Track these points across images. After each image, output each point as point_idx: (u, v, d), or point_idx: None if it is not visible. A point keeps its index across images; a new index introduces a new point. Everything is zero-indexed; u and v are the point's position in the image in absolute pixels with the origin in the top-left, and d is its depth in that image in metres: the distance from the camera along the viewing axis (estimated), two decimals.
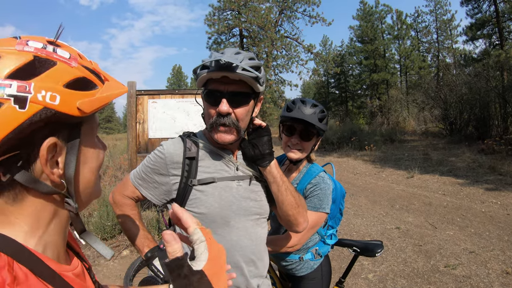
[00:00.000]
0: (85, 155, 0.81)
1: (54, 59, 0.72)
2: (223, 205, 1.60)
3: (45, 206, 0.76)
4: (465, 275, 4.64)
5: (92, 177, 0.85)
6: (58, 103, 0.68)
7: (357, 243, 2.71)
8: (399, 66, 39.54)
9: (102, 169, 5.25)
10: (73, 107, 0.71)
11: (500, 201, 7.82)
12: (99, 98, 0.76)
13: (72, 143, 0.76)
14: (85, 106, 0.72)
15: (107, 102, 0.79)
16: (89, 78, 0.77)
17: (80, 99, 0.72)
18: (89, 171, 0.83)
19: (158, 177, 1.63)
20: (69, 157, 0.76)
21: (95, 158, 0.85)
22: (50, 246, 0.78)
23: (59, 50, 0.74)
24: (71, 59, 0.75)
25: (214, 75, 1.49)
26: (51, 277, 0.73)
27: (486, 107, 16.82)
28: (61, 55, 0.74)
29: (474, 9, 26.80)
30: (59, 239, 0.82)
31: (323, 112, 2.24)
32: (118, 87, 0.85)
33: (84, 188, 0.83)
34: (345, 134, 21.09)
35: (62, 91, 0.69)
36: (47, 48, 0.72)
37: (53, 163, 0.73)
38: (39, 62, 0.69)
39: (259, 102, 1.71)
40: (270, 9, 32.16)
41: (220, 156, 1.67)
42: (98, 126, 0.88)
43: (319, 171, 2.31)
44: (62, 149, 0.75)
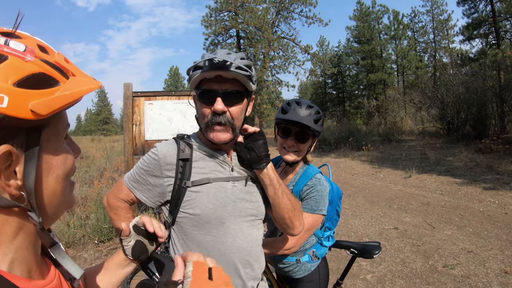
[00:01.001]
0: (48, 163, 0.71)
1: (5, 53, 0.62)
2: (218, 205, 1.59)
3: (7, 221, 0.67)
4: (463, 275, 4.63)
5: (59, 186, 0.74)
6: (6, 105, 0.58)
7: (354, 244, 2.70)
8: (396, 66, 39.70)
9: (98, 171, 5.28)
10: (26, 110, 0.60)
11: (498, 200, 7.82)
12: (60, 97, 0.66)
13: (31, 150, 0.66)
14: (40, 107, 0.62)
15: (71, 101, 0.68)
16: (48, 73, 0.66)
17: (34, 99, 0.62)
18: (55, 180, 0.73)
19: (152, 179, 1.62)
20: (28, 166, 0.66)
21: (61, 165, 0.74)
22: (17, 262, 0.70)
23: (12, 42, 0.64)
24: (26, 52, 0.65)
25: (208, 75, 1.49)
26: None
27: (483, 107, 16.89)
28: (14, 48, 0.63)
29: (471, 9, 26.88)
30: (29, 254, 0.73)
31: (319, 113, 2.22)
32: (87, 82, 0.74)
33: (50, 199, 0.73)
34: (342, 134, 21.13)
35: (11, 90, 0.59)
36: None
37: (10, 173, 0.64)
38: None
39: (251, 101, 1.71)
40: (267, 10, 32.25)
41: (215, 157, 1.66)
42: (67, 127, 0.77)
43: (315, 172, 2.29)
44: (20, 158, 0.65)
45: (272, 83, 33.82)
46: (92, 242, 5.96)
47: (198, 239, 1.59)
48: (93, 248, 5.81)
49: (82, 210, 7.26)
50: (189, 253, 0.88)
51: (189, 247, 1.61)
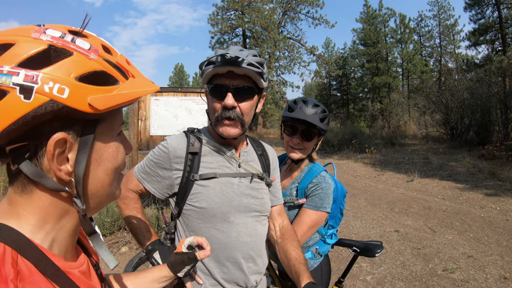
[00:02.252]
0: (100, 155, 0.75)
1: (71, 49, 0.66)
2: (224, 200, 1.61)
3: (55, 202, 0.72)
4: (463, 279, 4.64)
5: (107, 179, 0.79)
6: (67, 96, 0.63)
7: (357, 243, 2.71)
8: (401, 70, 39.63)
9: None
10: (84, 103, 0.65)
11: (499, 207, 7.82)
12: (117, 95, 0.70)
13: (85, 140, 0.71)
14: (98, 102, 0.66)
15: (128, 100, 0.72)
16: (109, 72, 0.71)
17: (93, 94, 0.66)
18: (103, 172, 0.77)
19: (161, 171, 1.65)
20: (80, 155, 0.71)
21: (112, 159, 0.79)
22: (57, 242, 0.75)
23: (78, 40, 0.69)
24: (91, 51, 0.69)
25: (220, 70, 1.52)
26: (55, 275, 0.70)
27: (487, 113, 16.84)
28: (80, 46, 0.68)
29: (478, 15, 26.84)
30: (68, 237, 0.78)
31: (325, 112, 2.25)
32: (144, 84, 0.78)
33: (96, 189, 0.78)
34: (346, 136, 21.09)
35: (73, 84, 0.64)
36: (65, 38, 0.67)
37: (63, 159, 0.69)
38: (54, 51, 0.65)
39: (262, 98, 1.74)
40: (273, 10, 32.26)
41: (223, 152, 1.70)
42: (122, 125, 0.83)
43: (320, 170, 2.33)
44: (73, 146, 0.70)
45: (277, 83, 33.84)
46: None
47: (203, 232, 1.61)
48: None
49: None
50: None
51: None
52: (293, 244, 1.78)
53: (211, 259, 1.62)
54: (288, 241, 1.80)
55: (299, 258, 1.70)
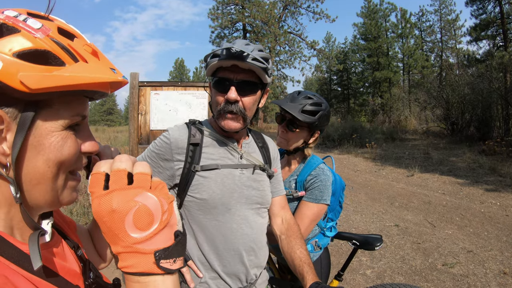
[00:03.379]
0: (39, 141, 0.69)
1: (19, 27, 0.65)
2: (225, 191, 1.61)
3: (0, 187, 0.69)
4: (462, 274, 4.66)
5: (48, 171, 0.72)
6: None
7: (356, 236, 2.72)
8: (402, 64, 39.51)
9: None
10: (15, 79, 0.61)
11: (499, 202, 7.83)
12: (56, 77, 0.65)
13: (22, 121, 0.66)
14: (29, 80, 0.62)
15: (69, 84, 0.67)
16: (54, 52, 0.67)
17: (27, 71, 0.62)
18: (44, 163, 0.71)
19: (163, 162, 1.65)
20: (17, 137, 0.66)
21: (54, 149, 0.71)
22: (17, 229, 0.73)
23: (31, 20, 0.67)
24: (39, 30, 0.67)
25: (225, 63, 1.52)
26: (18, 257, 0.68)
27: (488, 108, 16.82)
28: (29, 25, 0.66)
29: (479, 10, 26.69)
30: (26, 225, 0.75)
31: (316, 106, 2.22)
32: (97, 71, 0.72)
33: (37, 180, 0.71)
34: (346, 131, 21.12)
35: (8, 59, 0.61)
36: (18, 17, 0.66)
37: (1, 139, 0.66)
38: (6, 29, 0.64)
39: (266, 93, 1.74)
40: (274, 4, 32.15)
41: (225, 144, 1.69)
42: (77, 116, 0.75)
43: (319, 162, 2.33)
44: (11, 126, 0.66)
45: (277, 78, 33.76)
46: None
47: (204, 223, 1.61)
48: None
49: (85, 198, 7.30)
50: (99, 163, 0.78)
51: (194, 231, 1.63)
52: (297, 242, 1.79)
53: (211, 251, 1.61)
54: (292, 238, 1.80)
55: (304, 258, 1.71)
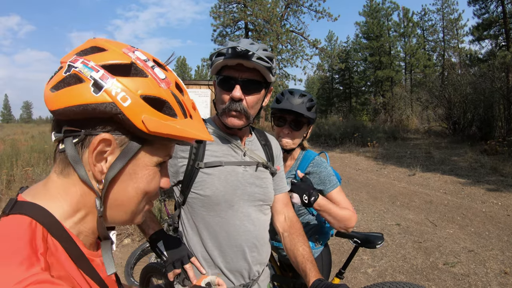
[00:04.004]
0: (135, 171, 0.79)
1: (148, 72, 0.75)
2: (228, 188, 1.63)
3: (85, 195, 0.77)
4: (463, 273, 4.67)
5: (135, 197, 0.82)
6: (127, 105, 0.70)
7: (358, 234, 2.73)
8: (404, 64, 39.51)
9: None
10: (138, 118, 0.72)
11: (500, 202, 7.82)
12: (169, 126, 0.76)
13: (127, 150, 0.76)
14: (150, 123, 0.72)
15: (178, 135, 0.77)
16: (171, 104, 0.78)
17: (149, 114, 0.73)
18: (134, 189, 0.81)
19: None
20: (117, 161, 0.76)
21: (145, 181, 0.82)
22: (83, 234, 0.80)
23: (157, 69, 0.78)
24: (163, 81, 0.77)
25: (230, 62, 1.55)
26: (79, 258, 0.75)
27: (490, 108, 16.76)
28: (156, 73, 0.77)
29: (482, 9, 26.65)
30: (92, 233, 0.83)
31: (312, 101, 2.30)
32: (199, 129, 0.83)
33: (122, 201, 0.81)
34: (348, 130, 21.08)
35: (136, 98, 0.72)
36: (147, 62, 0.77)
37: (102, 158, 0.75)
38: (134, 69, 0.74)
39: (269, 92, 1.76)
40: (276, 2, 32.05)
41: (228, 141, 1.72)
42: (167, 157, 0.87)
43: (315, 155, 2.41)
44: (115, 151, 0.76)
45: (279, 77, 33.73)
46: None
47: (207, 220, 1.63)
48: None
49: None
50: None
51: (198, 228, 1.65)
52: (300, 239, 1.80)
53: (215, 248, 1.63)
54: (295, 236, 1.82)
55: (306, 255, 1.72)
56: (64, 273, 0.68)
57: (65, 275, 0.67)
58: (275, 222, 1.90)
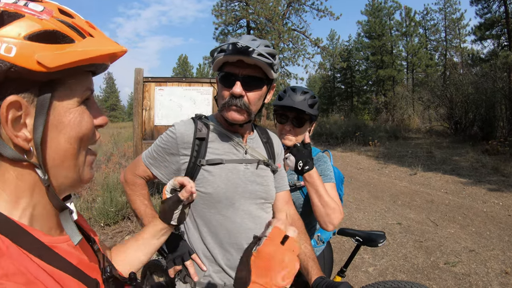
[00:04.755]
0: (59, 120, 0.71)
1: (22, 12, 0.66)
2: (230, 186, 1.63)
3: (21, 175, 0.70)
4: (464, 273, 4.67)
5: (71, 148, 0.74)
6: (14, 55, 0.61)
7: (359, 232, 2.73)
8: (406, 63, 39.43)
9: (105, 156, 5.32)
10: (32, 60, 0.63)
11: (502, 202, 7.81)
12: (70, 53, 0.67)
13: (41, 103, 0.67)
14: (46, 59, 0.64)
15: (83, 58, 0.69)
16: (62, 31, 0.68)
17: (41, 52, 0.64)
18: (66, 141, 0.73)
19: (169, 156, 1.68)
20: (37, 120, 0.67)
21: (75, 126, 0.74)
22: (37, 218, 0.73)
23: (32, 4, 0.68)
24: (43, 12, 0.68)
25: (230, 58, 1.54)
26: (37, 249, 0.69)
27: (492, 108, 16.75)
28: (32, 8, 0.67)
29: (484, 9, 26.62)
30: (48, 213, 0.76)
31: (314, 98, 2.29)
32: (103, 44, 0.75)
33: (60, 159, 0.73)
34: (349, 129, 21.06)
35: (20, 43, 0.62)
36: (18, 3, 0.67)
37: (21, 125, 0.67)
38: (7, 16, 0.64)
39: (272, 89, 1.75)
40: (278, 1, 32.03)
41: (230, 138, 1.71)
42: (88, 91, 0.77)
43: (317, 151, 2.42)
44: (30, 110, 0.67)
45: (281, 75, 33.70)
46: (98, 225, 6.03)
47: (208, 217, 1.63)
48: (99, 231, 5.88)
49: (88, 193, 7.33)
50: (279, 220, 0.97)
51: (198, 225, 1.66)
52: (301, 237, 1.80)
53: (215, 245, 1.64)
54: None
55: (308, 253, 1.73)
56: (14, 269, 0.61)
57: (14, 272, 0.61)
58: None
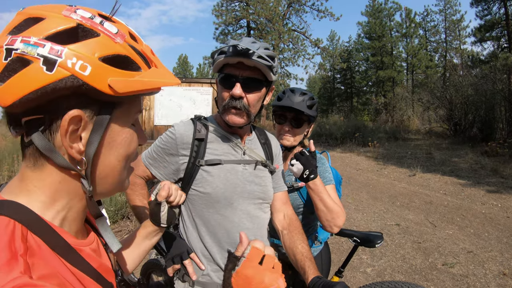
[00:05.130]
0: (113, 139, 0.76)
1: (98, 30, 0.68)
2: (228, 186, 1.65)
3: (65, 181, 0.73)
4: (462, 274, 4.68)
5: (118, 165, 0.79)
6: (88, 74, 0.64)
7: (357, 233, 2.74)
8: (406, 64, 39.49)
9: None
10: (104, 83, 0.66)
11: (500, 204, 7.83)
12: (138, 82, 0.71)
13: (100, 121, 0.71)
14: (117, 85, 0.67)
15: (148, 88, 0.74)
16: (132, 58, 0.72)
17: (114, 76, 0.67)
18: (115, 158, 0.78)
19: (168, 157, 1.69)
20: (93, 136, 0.71)
21: (125, 145, 0.79)
22: (68, 221, 0.76)
23: (107, 23, 0.71)
24: (117, 35, 0.71)
25: (231, 60, 1.56)
26: (65, 251, 0.71)
27: (491, 110, 16.77)
28: (107, 29, 0.70)
29: (484, 11, 26.62)
30: (78, 217, 0.79)
31: (313, 99, 2.31)
32: (166, 76, 0.79)
33: (106, 174, 0.78)
34: (349, 129, 21.09)
35: (95, 63, 0.65)
36: (94, 19, 0.69)
37: (76, 137, 0.69)
38: (82, 30, 0.67)
39: (271, 91, 1.78)
40: (278, 1, 32.06)
41: (229, 139, 1.73)
42: (139, 113, 0.83)
43: None
44: (88, 125, 0.70)
45: (281, 76, 33.72)
46: None
47: (207, 217, 1.65)
48: None
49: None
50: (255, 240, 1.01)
51: (197, 224, 1.68)
52: (299, 237, 1.81)
53: (214, 244, 1.66)
54: (294, 233, 1.83)
55: (305, 253, 1.74)
56: (48, 271, 0.64)
57: (49, 273, 0.64)
58: (274, 220, 1.91)
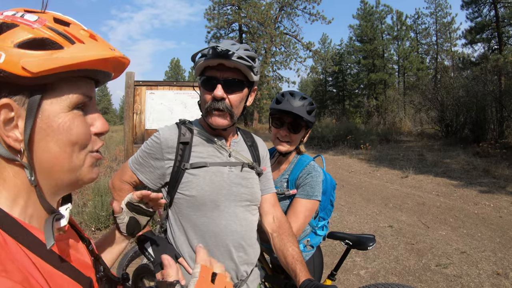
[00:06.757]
0: (48, 124, 0.73)
1: (18, 22, 0.70)
2: (214, 188, 1.65)
3: (18, 174, 0.72)
4: (456, 274, 4.68)
5: (62, 152, 0.75)
6: (2, 61, 0.65)
7: (349, 236, 2.72)
8: (397, 66, 39.68)
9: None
10: (18, 66, 0.66)
11: (493, 204, 7.86)
12: (56, 59, 0.69)
13: (30, 107, 0.70)
14: (30, 65, 0.66)
15: (69, 63, 0.71)
16: (51, 38, 0.71)
17: (28, 58, 0.67)
18: (56, 144, 0.74)
19: (154, 161, 1.69)
20: (27, 122, 0.70)
21: (64, 131, 0.75)
22: (35, 217, 0.76)
23: (28, 15, 0.72)
24: (36, 22, 0.71)
25: (211, 63, 1.57)
26: (36, 246, 0.71)
27: (483, 111, 16.88)
28: (26, 19, 0.71)
29: (474, 13, 26.82)
30: (46, 213, 0.78)
31: (312, 105, 2.28)
32: (94, 50, 0.76)
33: (51, 162, 0.75)
34: (341, 132, 21.11)
35: (10, 50, 0.66)
36: (15, 15, 0.72)
37: (14, 126, 0.70)
38: (5, 27, 0.69)
39: (253, 92, 1.78)
40: (270, 5, 32.22)
41: (214, 142, 1.73)
42: (83, 97, 0.79)
43: (309, 160, 2.37)
44: (21, 113, 0.70)
45: (273, 79, 33.83)
46: (89, 229, 5.99)
47: (194, 220, 1.65)
48: (90, 235, 5.83)
49: (79, 197, 7.28)
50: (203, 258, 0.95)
51: (184, 228, 1.67)
52: (289, 239, 1.80)
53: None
54: (284, 236, 1.81)
55: (296, 255, 1.72)
56: (11, 266, 0.62)
57: (12, 268, 0.62)
58: (264, 223, 1.89)
